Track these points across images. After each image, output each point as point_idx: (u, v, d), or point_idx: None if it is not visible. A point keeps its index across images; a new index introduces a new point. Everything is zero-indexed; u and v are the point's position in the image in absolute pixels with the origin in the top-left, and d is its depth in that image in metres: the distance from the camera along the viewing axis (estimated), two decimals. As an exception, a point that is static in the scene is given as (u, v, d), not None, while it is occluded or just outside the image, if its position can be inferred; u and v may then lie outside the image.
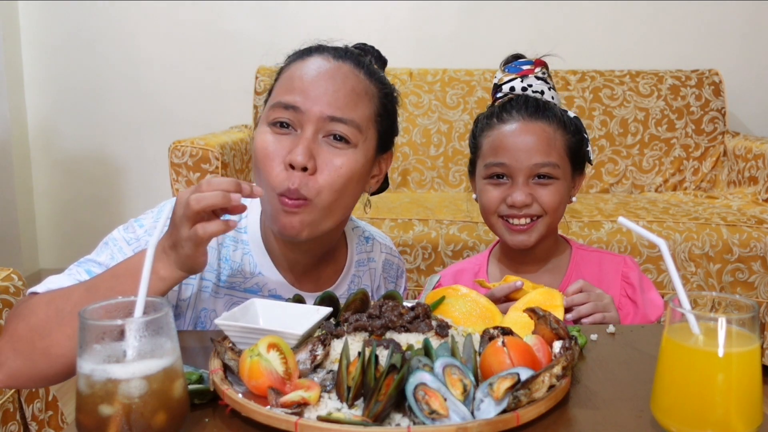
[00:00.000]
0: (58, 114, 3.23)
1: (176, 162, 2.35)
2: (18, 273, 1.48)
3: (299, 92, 0.95)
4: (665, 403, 0.66)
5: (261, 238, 1.05)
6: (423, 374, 0.66)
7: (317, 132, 0.95)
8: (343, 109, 0.95)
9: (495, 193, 1.19)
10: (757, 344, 0.63)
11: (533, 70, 1.22)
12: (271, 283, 1.04)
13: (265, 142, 0.96)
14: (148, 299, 0.67)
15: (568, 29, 3.13)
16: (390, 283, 1.22)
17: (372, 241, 1.20)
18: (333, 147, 0.96)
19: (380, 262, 1.19)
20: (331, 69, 0.97)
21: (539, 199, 1.17)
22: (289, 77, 0.98)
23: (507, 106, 1.21)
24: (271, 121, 0.96)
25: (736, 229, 2.24)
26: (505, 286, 1.09)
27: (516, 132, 1.17)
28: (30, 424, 1.46)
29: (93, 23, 3.16)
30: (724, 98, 2.93)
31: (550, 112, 1.19)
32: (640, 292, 1.22)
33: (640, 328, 0.99)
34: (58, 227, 3.30)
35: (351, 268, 1.13)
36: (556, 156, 1.17)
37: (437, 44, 3.15)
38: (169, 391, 0.63)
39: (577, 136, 1.21)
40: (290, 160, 0.92)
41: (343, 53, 1.00)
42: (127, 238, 1.00)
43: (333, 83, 0.96)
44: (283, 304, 0.89)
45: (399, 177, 2.87)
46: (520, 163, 1.16)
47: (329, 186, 0.94)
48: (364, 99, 0.98)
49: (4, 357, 0.88)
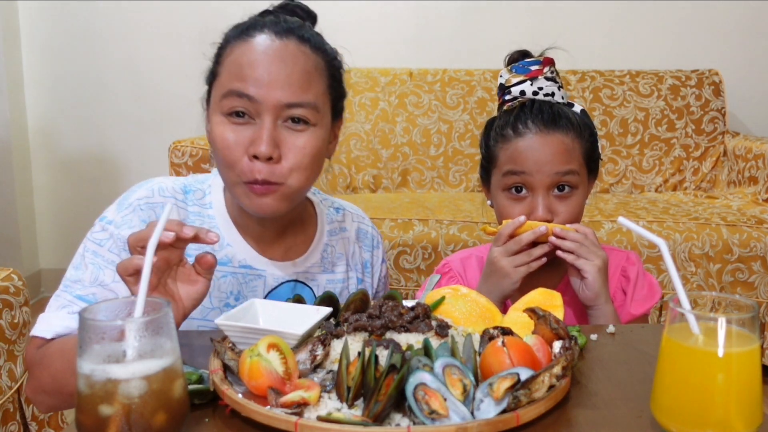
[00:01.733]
0: (58, 114, 3.23)
1: (176, 162, 2.35)
2: (18, 273, 1.48)
3: (252, 80, 0.95)
4: (665, 403, 0.65)
5: (227, 212, 1.07)
6: (423, 374, 0.66)
7: (276, 119, 0.96)
8: (299, 93, 0.96)
9: (516, 209, 1.17)
10: (757, 344, 0.63)
11: (542, 71, 1.21)
12: (240, 254, 1.06)
13: (224, 133, 0.96)
14: (148, 299, 0.67)
15: (568, 29, 3.13)
16: (366, 252, 1.22)
17: (343, 212, 1.22)
18: (294, 130, 0.97)
19: (353, 231, 1.21)
20: (278, 50, 0.97)
21: (559, 214, 1.16)
22: (236, 62, 0.97)
23: (521, 116, 1.19)
24: (226, 111, 0.97)
25: (736, 229, 2.24)
26: (509, 224, 1.13)
27: (534, 145, 1.15)
28: (30, 424, 1.46)
29: (93, 23, 3.15)
30: (724, 98, 2.93)
31: (566, 120, 1.17)
32: (633, 286, 1.22)
33: (640, 328, 0.99)
34: (58, 227, 3.30)
35: (323, 237, 1.15)
36: (576, 163, 1.16)
37: (437, 44, 3.15)
38: (169, 391, 0.63)
39: (591, 139, 1.21)
40: (254, 152, 0.94)
41: (284, 29, 0.99)
42: (99, 240, 1.01)
43: (284, 67, 0.96)
44: (283, 305, 0.89)
45: (399, 177, 2.87)
46: (541, 173, 1.14)
47: (297, 167, 0.97)
48: (315, 76, 0.99)
49: (41, 398, 0.99)
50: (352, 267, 1.19)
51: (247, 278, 1.07)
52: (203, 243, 0.82)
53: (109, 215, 1.03)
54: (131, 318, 0.66)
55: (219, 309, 1.07)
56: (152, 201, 1.04)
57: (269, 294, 1.08)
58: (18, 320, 1.43)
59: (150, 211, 1.03)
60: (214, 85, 1.01)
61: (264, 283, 1.07)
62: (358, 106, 2.89)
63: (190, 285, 0.86)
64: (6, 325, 1.38)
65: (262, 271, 1.08)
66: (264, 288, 1.08)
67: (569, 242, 1.12)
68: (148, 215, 1.02)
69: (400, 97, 2.90)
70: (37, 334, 0.98)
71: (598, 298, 1.11)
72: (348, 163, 2.85)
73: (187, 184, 1.10)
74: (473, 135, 2.88)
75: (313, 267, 1.13)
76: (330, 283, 1.15)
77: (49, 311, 0.99)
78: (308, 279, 1.12)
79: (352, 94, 2.90)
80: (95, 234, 1.02)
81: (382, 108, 2.89)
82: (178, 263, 0.86)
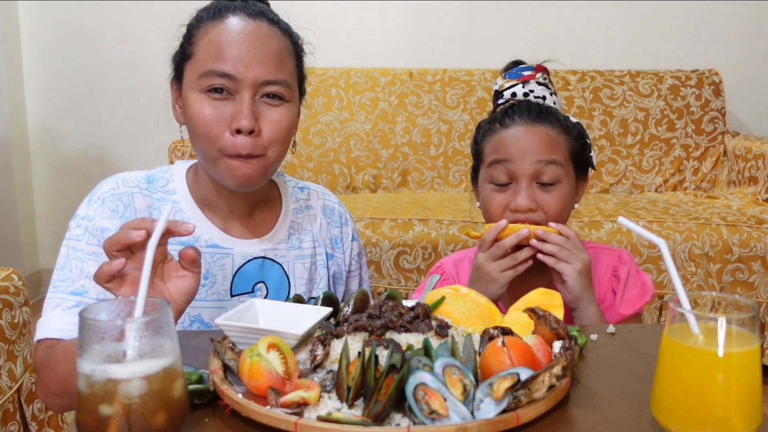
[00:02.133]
0: (58, 114, 3.23)
1: (176, 162, 2.35)
2: (18, 273, 1.48)
3: (230, 59, 0.99)
4: (665, 403, 0.66)
5: (190, 196, 1.11)
6: (423, 374, 0.66)
7: (254, 95, 1.01)
8: (274, 71, 1.01)
9: (499, 198, 1.17)
10: (757, 344, 0.63)
11: (534, 76, 1.22)
12: (207, 233, 1.09)
13: (204, 109, 1.01)
14: (148, 299, 0.67)
15: (568, 29, 3.13)
16: (335, 227, 1.24)
17: (307, 190, 1.25)
18: (270, 105, 1.03)
19: (318, 208, 1.24)
20: (252, 31, 1.02)
21: (543, 205, 1.15)
22: (213, 42, 1.01)
23: (509, 111, 1.20)
24: (205, 88, 1.01)
25: (736, 229, 2.24)
26: (492, 228, 1.13)
27: (519, 134, 1.16)
28: (30, 424, 1.46)
29: (93, 23, 3.15)
30: (724, 98, 2.93)
31: (553, 117, 1.18)
32: (623, 286, 1.22)
33: (640, 328, 0.99)
34: (58, 227, 3.30)
35: (288, 214, 1.18)
36: (560, 155, 1.16)
37: (437, 44, 3.15)
38: (169, 391, 0.63)
39: (579, 140, 1.21)
40: (238, 126, 0.99)
41: (255, 11, 1.04)
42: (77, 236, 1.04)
43: (260, 46, 1.01)
44: (283, 304, 0.89)
45: (399, 177, 2.87)
46: (524, 161, 1.14)
47: (275, 140, 1.02)
48: (286, 56, 1.05)
49: (52, 400, 1.02)
50: (320, 243, 1.21)
51: (215, 257, 1.09)
52: (179, 235, 0.83)
53: (81, 212, 1.07)
54: (131, 318, 0.66)
55: None
56: (118, 192, 1.08)
57: (238, 271, 1.10)
58: (18, 320, 1.43)
59: (117, 202, 1.06)
60: (187, 65, 1.05)
61: (232, 261, 1.10)
62: (358, 106, 2.89)
63: (179, 281, 0.86)
64: (6, 325, 1.38)
65: (230, 249, 1.10)
66: (233, 266, 1.10)
67: (549, 245, 1.11)
68: (116, 205, 1.06)
69: (400, 97, 2.90)
70: (39, 338, 1.00)
71: (580, 301, 1.11)
72: (348, 163, 2.85)
73: (150, 175, 1.13)
74: (473, 135, 2.88)
75: (281, 244, 1.15)
76: (298, 259, 1.17)
77: (45, 314, 1.01)
78: (277, 256, 1.14)
79: (352, 94, 2.90)
80: (72, 232, 1.05)
81: (382, 108, 2.89)
82: (163, 260, 0.87)
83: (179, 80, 1.08)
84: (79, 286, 1.01)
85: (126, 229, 0.81)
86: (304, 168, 2.83)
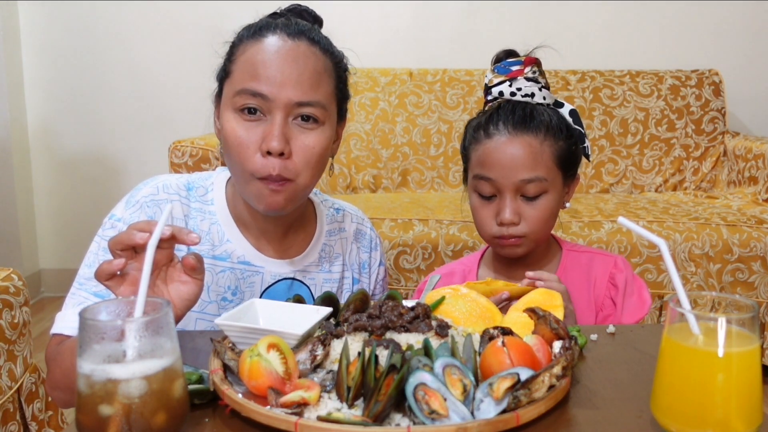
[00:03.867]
0: (58, 114, 3.22)
1: (176, 162, 2.35)
2: (18, 273, 1.48)
3: (264, 79, 0.98)
4: (665, 403, 0.66)
5: (228, 209, 1.10)
6: (423, 374, 0.66)
7: (287, 116, 0.99)
8: (309, 92, 0.99)
9: (485, 211, 1.20)
10: (757, 344, 0.63)
11: (523, 71, 1.20)
12: (240, 250, 1.08)
13: (237, 130, 0.99)
14: (148, 299, 0.67)
15: (568, 29, 3.13)
16: (364, 252, 1.24)
17: (342, 212, 1.24)
18: (303, 128, 1.00)
19: (351, 231, 1.23)
20: (290, 51, 1.00)
21: (527, 218, 1.16)
22: (249, 62, 1.00)
23: (494, 117, 1.19)
24: (239, 107, 0.99)
25: (736, 229, 2.24)
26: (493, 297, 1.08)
27: (501, 148, 1.16)
28: (30, 424, 1.46)
29: (93, 24, 3.15)
30: (724, 98, 2.93)
31: (537, 121, 1.17)
32: (622, 296, 1.21)
33: (640, 328, 0.99)
34: (58, 227, 3.30)
35: (321, 237, 1.17)
36: (543, 169, 1.16)
37: (437, 44, 3.15)
38: (169, 391, 0.63)
39: (569, 140, 1.20)
40: (268, 147, 0.97)
41: (296, 30, 1.03)
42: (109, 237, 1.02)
43: (296, 67, 0.99)
44: (283, 305, 0.89)
45: (399, 177, 2.87)
46: (507, 179, 1.15)
47: (306, 165, 1.00)
48: (324, 77, 1.03)
49: (56, 394, 1.02)
50: (349, 267, 1.21)
51: (245, 274, 1.09)
52: (183, 243, 0.82)
53: (117, 213, 1.06)
54: (131, 318, 0.66)
55: (216, 303, 1.08)
56: (157, 198, 1.06)
57: (266, 290, 1.10)
58: (18, 320, 1.43)
59: (155, 208, 1.05)
60: (226, 83, 1.04)
61: (261, 280, 1.09)
62: (358, 106, 2.89)
63: (181, 285, 0.86)
64: (6, 325, 1.38)
65: (260, 268, 1.09)
66: (261, 284, 1.09)
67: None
68: (153, 212, 1.05)
69: (400, 97, 2.90)
70: (56, 332, 1.00)
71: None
72: (348, 163, 2.85)
73: (190, 181, 1.12)
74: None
75: (311, 266, 1.14)
76: (327, 282, 1.16)
77: (65, 309, 1.01)
78: (305, 277, 1.13)
79: (352, 94, 2.90)
80: (105, 231, 1.05)
81: (382, 108, 2.89)
82: (167, 264, 0.86)
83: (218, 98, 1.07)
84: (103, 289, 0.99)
85: (132, 229, 0.81)
86: (304, 168, 2.83)
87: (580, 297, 1.23)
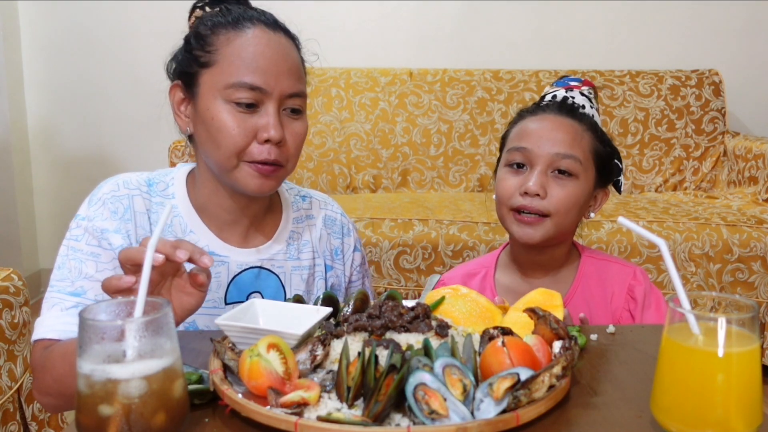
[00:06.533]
0: (58, 114, 3.22)
1: (176, 162, 2.35)
2: (18, 273, 1.48)
3: (260, 72, 1.01)
4: (665, 403, 0.65)
5: (189, 202, 1.11)
6: (423, 374, 0.66)
7: (279, 107, 1.03)
8: (298, 83, 1.05)
9: (512, 180, 1.17)
10: (757, 344, 0.63)
11: (580, 87, 1.24)
12: (203, 241, 1.09)
13: (231, 121, 1.01)
14: (148, 299, 0.67)
15: (568, 29, 3.13)
16: (335, 239, 1.23)
17: (309, 199, 1.24)
18: (291, 118, 1.06)
19: (320, 219, 1.23)
20: (277, 43, 1.04)
21: (552, 194, 1.14)
22: (238, 54, 1.01)
23: (542, 104, 1.22)
24: (234, 99, 1.01)
25: (736, 229, 2.24)
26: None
27: (544, 122, 1.18)
28: (30, 424, 1.46)
29: (93, 23, 3.15)
30: (724, 98, 2.93)
31: (582, 114, 1.19)
32: (641, 309, 1.20)
33: (640, 328, 0.99)
34: (58, 227, 3.30)
35: (288, 225, 1.18)
36: (580, 151, 1.15)
37: (437, 44, 3.15)
38: (169, 391, 0.63)
39: (607, 147, 1.20)
40: (268, 136, 1.01)
41: (270, 21, 1.06)
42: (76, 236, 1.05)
43: (285, 60, 1.03)
44: (283, 305, 0.89)
45: (399, 177, 2.87)
46: (541, 149, 1.14)
47: (295, 152, 1.06)
48: (302, 69, 1.08)
49: (46, 400, 1.02)
50: (320, 254, 1.20)
51: None
52: (197, 264, 0.83)
53: (81, 212, 1.07)
54: (131, 318, 0.66)
55: None
56: (118, 194, 1.08)
57: (233, 280, 1.10)
58: (18, 320, 1.43)
59: (117, 203, 1.06)
60: (204, 72, 1.04)
61: (227, 269, 1.10)
62: (358, 106, 2.89)
63: (184, 295, 0.86)
64: (6, 325, 1.39)
65: (225, 258, 1.10)
66: (228, 274, 1.10)
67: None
68: (116, 207, 1.06)
69: (400, 97, 2.90)
70: (37, 338, 1.00)
71: None
72: (348, 163, 2.85)
73: (151, 178, 1.13)
74: (473, 135, 2.88)
75: (278, 254, 1.14)
76: (296, 269, 1.16)
77: (42, 314, 1.01)
78: (273, 266, 1.13)
79: (352, 94, 2.90)
80: (72, 232, 1.06)
81: (382, 108, 2.89)
82: (175, 274, 0.87)
83: (187, 87, 1.07)
84: (77, 287, 1.01)
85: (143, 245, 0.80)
86: (304, 168, 2.83)
87: (597, 304, 1.21)
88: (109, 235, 1.03)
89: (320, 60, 1.28)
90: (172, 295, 0.86)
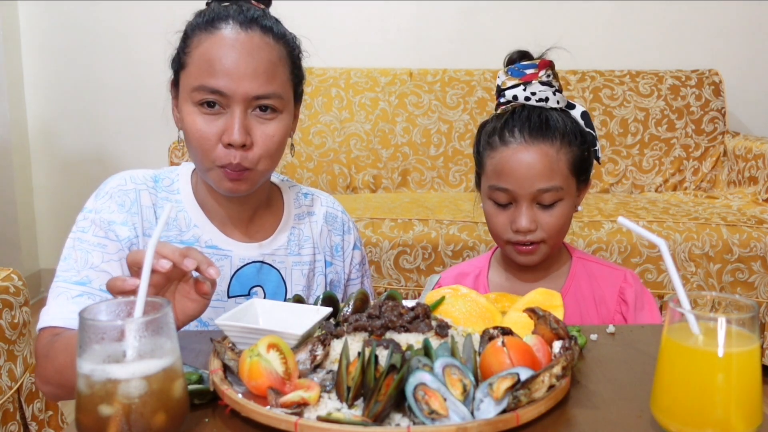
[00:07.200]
0: (58, 114, 3.22)
1: (176, 162, 2.35)
2: (18, 273, 1.48)
3: (222, 75, 0.99)
4: (665, 403, 0.66)
5: (194, 197, 1.13)
6: (423, 374, 0.66)
7: (246, 109, 1.01)
8: (265, 85, 1.01)
9: (501, 217, 1.18)
10: (757, 344, 0.63)
11: (537, 75, 1.19)
12: (207, 235, 1.11)
13: (197, 123, 1.02)
14: (148, 299, 0.67)
15: (568, 29, 3.12)
16: (336, 236, 1.24)
17: (311, 196, 1.25)
18: (262, 119, 1.03)
19: (321, 215, 1.23)
20: (245, 44, 1.01)
21: (542, 223, 1.15)
22: (204, 57, 1.01)
23: (509, 123, 1.18)
24: (197, 101, 1.02)
25: (736, 229, 2.24)
26: None
27: (517, 157, 1.15)
28: (30, 424, 1.46)
29: (93, 24, 3.15)
30: (724, 98, 2.93)
31: (552, 129, 1.16)
32: (633, 311, 1.21)
33: (640, 328, 0.99)
34: (58, 227, 3.30)
35: (290, 221, 1.19)
36: (559, 178, 1.15)
37: (437, 44, 3.15)
38: (169, 391, 0.63)
39: (582, 146, 1.19)
40: (228, 140, 1.00)
41: (248, 19, 1.03)
42: (83, 228, 1.06)
43: (251, 61, 1.00)
44: (283, 305, 0.89)
45: (399, 177, 2.87)
46: (524, 189, 1.14)
47: (266, 154, 1.03)
48: (279, 66, 1.04)
49: (47, 389, 1.03)
50: (320, 250, 1.21)
51: (213, 258, 1.10)
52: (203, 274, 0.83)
53: (89, 206, 1.09)
54: (131, 318, 0.66)
55: None
56: (125, 188, 1.09)
57: (235, 273, 1.11)
58: (18, 320, 1.43)
59: (124, 197, 1.08)
60: (182, 74, 1.05)
61: (230, 263, 1.11)
62: (358, 106, 2.89)
63: (188, 301, 0.86)
64: (6, 325, 1.39)
65: (228, 252, 1.11)
66: (231, 268, 1.11)
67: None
68: (122, 200, 1.08)
69: (400, 97, 2.90)
70: (42, 326, 1.01)
71: None
72: (348, 163, 2.85)
73: (157, 174, 1.15)
74: (473, 135, 2.88)
75: (279, 249, 1.15)
76: (297, 265, 1.17)
77: (48, 303, 1.02)
78: (275, 261, 1.15)
79: (352, 94, 2.90)
80: (79, 225, 1.07)
81: (382, 108, 2.89)
82: (180, 279, 0.86)
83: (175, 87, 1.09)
84: (83, 276, 1.02)
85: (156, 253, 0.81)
86: (304, 168, 2.83)
87: (588, 305, 1.22)
88: (116, 226, 1.04)
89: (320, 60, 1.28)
90: (175, 299, 0.86)
